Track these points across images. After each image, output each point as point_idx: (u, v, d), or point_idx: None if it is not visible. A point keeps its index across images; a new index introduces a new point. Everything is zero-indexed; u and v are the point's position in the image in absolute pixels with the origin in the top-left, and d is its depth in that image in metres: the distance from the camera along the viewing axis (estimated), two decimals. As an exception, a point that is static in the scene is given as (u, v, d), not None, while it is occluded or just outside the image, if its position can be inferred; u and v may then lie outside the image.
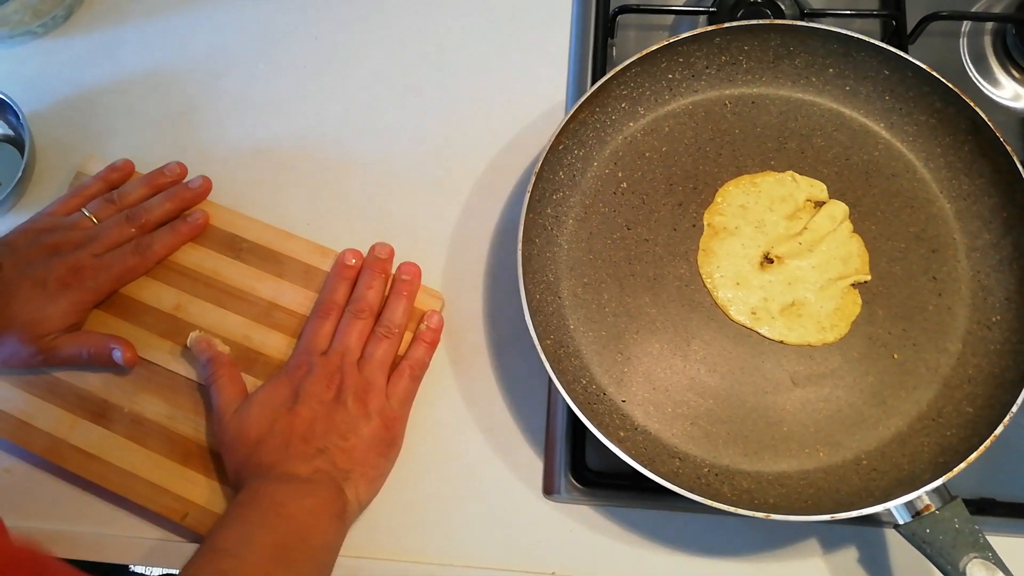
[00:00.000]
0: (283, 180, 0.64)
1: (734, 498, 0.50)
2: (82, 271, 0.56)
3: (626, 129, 0.59)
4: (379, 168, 0.64)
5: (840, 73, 0.58)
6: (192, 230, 0.59)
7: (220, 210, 0.61)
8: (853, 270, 0.55)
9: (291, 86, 0.67)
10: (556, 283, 0.56)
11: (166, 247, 0.59)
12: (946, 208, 0.57)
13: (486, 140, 0.64)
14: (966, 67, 0.65)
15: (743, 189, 0.58)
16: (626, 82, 0.57)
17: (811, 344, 0.54)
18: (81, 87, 0.67)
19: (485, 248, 0.61)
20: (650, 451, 0.51)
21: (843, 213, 0.57)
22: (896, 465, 0.51)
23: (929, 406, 0.52)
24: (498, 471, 0.56)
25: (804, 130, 0.59)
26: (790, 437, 0.52)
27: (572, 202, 0.57)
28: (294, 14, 0.69)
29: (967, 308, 0.54)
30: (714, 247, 0.56)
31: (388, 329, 0.56)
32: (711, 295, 0.56)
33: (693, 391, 0.53)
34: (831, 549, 0.54)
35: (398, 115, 0.65)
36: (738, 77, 0.59)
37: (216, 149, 0.65)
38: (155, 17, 0.69)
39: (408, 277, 0.58)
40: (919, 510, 0.47)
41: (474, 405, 0.58)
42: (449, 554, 0.55)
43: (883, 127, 0.59)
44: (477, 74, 0.66)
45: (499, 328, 0.59)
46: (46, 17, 0.67)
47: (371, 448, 0.53)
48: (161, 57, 0.68)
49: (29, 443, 0.55)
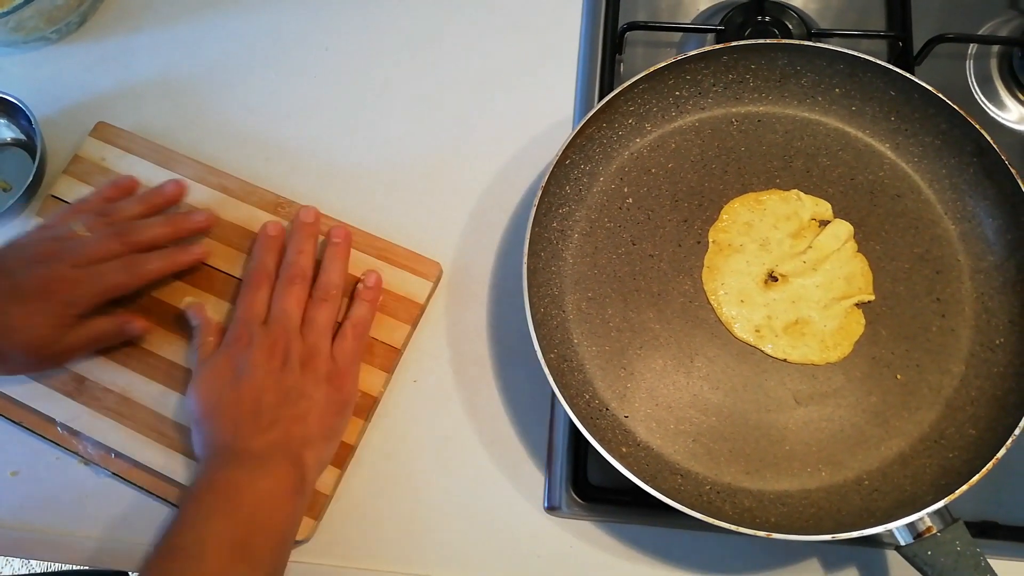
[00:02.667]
0: (291, 187, 0.64)
1: (735, 516, 0.49)
2: (59, 282, 0.53)
3: (632, 145, 0.59)
4: (386, 178, 0.64)
5: (846, 93, 0.59)
6: (188, 260, 0.58)
7: None
8: (857, 290, 0.55)
9: (300, 95, 0.67)
10: (560, 297, 0.56)
11: (157, 271, 0.57)
12: (950, 229, 0.57)
13: (493, 152, 0.64)
14: (972, 89, 0.65)
15: (748, 207, 0.58)
16: (633, 98, 0.58)
17: (814, 363, 0.54)
18: (93, 93, 0.68)
19: (490, 261, 0.62)
20: (652, 467, 0.51)
21: (847, 232, 0.57)
22: (898, 486, 0.51)
23: (931, 427, 0.52)
24: (500, 485, 0.56)
25: (810, 149, 0.59)
26: (792, 456, 0.52)
27: (578, 216, 0.58)
28: (305, 24, 0.69)
29: (970, 330, 0.54)
30: (719, 264, 0.57)
31: (325, 292, 0.56)
32: (715, 312, 0.56)
33: (696, 408, 0.54)
34: (832, 569, 0.54)
35: (406, 126, 0.66)
36: (745, 95, 0.60)
37: (226, 156, 0.65)
38: (167, 25, 0.70)
39: (339, 240, 0.58)
40: (920, 532, 0.47)
41: (476, 418, 0.58)
42: (449, 568, 0.55)
43: (888, 147, 0.59)
44: (485, 87, 0.66)
45: (503, 341, 0.60)
46: (60, 23, 0.68)
47: (326, 412, 0.53)
48: (172, 64, 0.69)
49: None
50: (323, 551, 0.55)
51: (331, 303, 0.56)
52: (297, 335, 0.54)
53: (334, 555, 0.55)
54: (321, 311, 0.55)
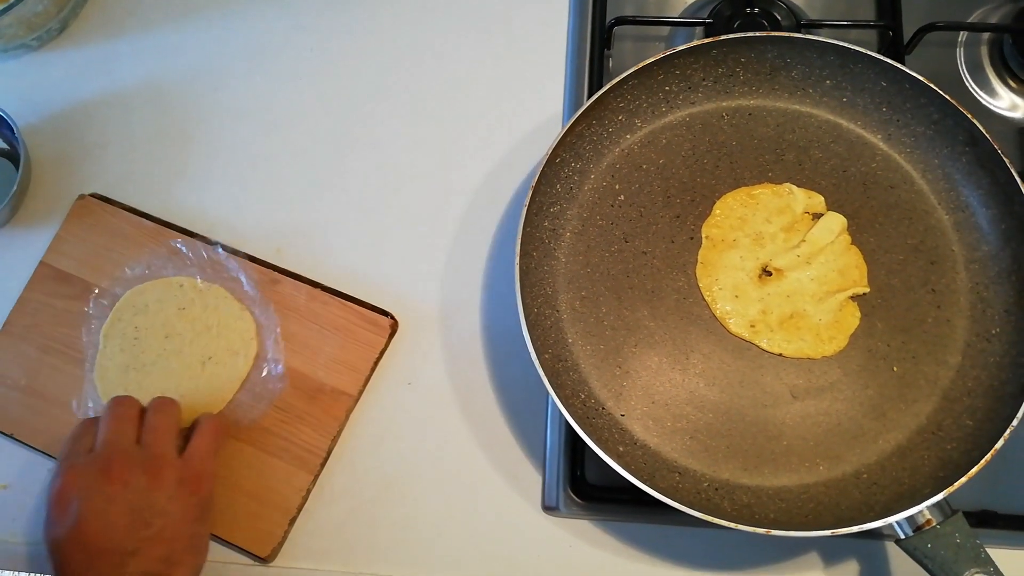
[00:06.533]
0: (280, 191, 0.64)
1: (734, 513, 0.49)
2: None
3: (623, 142, 0.59)
4: (375, 180, 0.64)
5: (837, 85, 0.58)
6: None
7: None
8: (851, 282, 0.55)
9: (288, 98, 0.66)
10: (554, 296, 0.55)
11: None
12: (944, 220, 0.57)
13: (482, 152, 0.64)
14: (963, 77, 0.65)
15: (741, 201, 0.58)
16: (623, 95, 0.57)
17: (810, 357, 0.54)
18: (77, 100, 0.67)
19: (482, 262, 0.61)
20: (649, 466, 0.51)
21: (841, 225, 0.56)
22: (896, 479, 0.50)
23: (929, 419, 0.52)
24: (496, 486, 0.56)
25: (801, 142, 0.59)
26: (790, 451, 0.52)
27: (569, 215, 0.57)
28: (289, 26, 0.68)
29: (966, 320, 0.54)
30: (712, 259, 0.56)
31: (160, 400, 0.53)
32: (710, 308, 0.55)
33: (692, 405, 0.53)
34: (832, 563, 0.54)
35: (394, 127, 0.65)
36: (735, 89, 0.59)
37: (213, 161, 0.65)
38: (150, 30, 0.69)
39: None
40: (920, 525, 0.47)
41: (472, 419, 0.58)
42: (448, 570, 0.55)
43: (880, 139, 0.58)
44: (473, 87, 0.66)
45: (497, 342, 0.59)
46: (40, 30, 0.67)
47: (183, 521, 0.49)
48: (157, 70, 0.68)
49: None
50: (320, 557, 0.55)
51: (168, 405, 0.53)
52: (132, 449, 0.50)
53: (332, 560, 0.55)
54: (157, 416, 0.52)
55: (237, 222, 0.63)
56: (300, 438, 0.56)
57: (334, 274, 0.60)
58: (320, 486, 0.56)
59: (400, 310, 0.59)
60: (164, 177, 0.64)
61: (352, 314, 0.59)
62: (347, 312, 0.59)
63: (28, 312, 0.60)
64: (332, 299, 0.59)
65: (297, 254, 0.61)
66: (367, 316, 0.58)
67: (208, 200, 0.63)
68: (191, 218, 0.62)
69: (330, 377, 0.57)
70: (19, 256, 0.62)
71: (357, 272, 0.61)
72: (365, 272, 0.61)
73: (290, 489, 0.55)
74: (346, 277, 0.60)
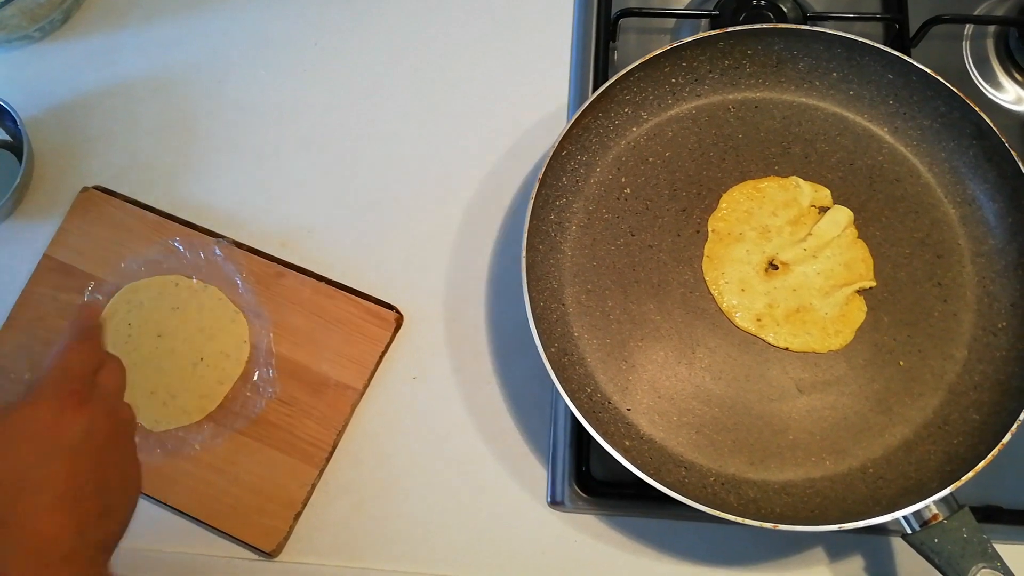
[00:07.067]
0: (285, 184, 0.63)
1: (740, 508, 0.49)
2: None
3: (629, 134, 0.59)
4: (381, 174, 0.63)
5: (844, 77, 0.58)
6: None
7: None
8: (858, 276, 0.55)
9: (292, 92, 0.66)
10: (560, 290, 0.55)
11: None
12: (951, 213, 0.56)
13: (488, 145, 0.64)
14: (969, 70, 0.65)
15: (747, 195, 0.57)
16: (629, 87, 0.57)
17: (816, 351, 0.54)
18: (79, 92, 0.66)
19: (488, 255, 0.61)
20: (656, 460, 0.51)
21: (847, 218, 0.56)
22: (903, 473, 0.50)
23: (935, 413, 0.52)
24: (502, 481, 0.56)
25: (808, 135, 0.58)
26: (796, 445, 0.52)
27: (575, 208, 0.57)
28: (294, 20, 0.68)
29: (973, 314, 0.54)
30: (719, 253, 0.56)
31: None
32: (716, 302, 0.55)
33: (698, 399, 0.53)
34: (838, 557, 0.54)
35: (399, 121, 0.65)
36: (741, 81, 0.59)
37: (217, 154, 0.64)
38: (153, 22, 0.68)
39: None
40: (927, 520, 0.47)
41: (477, 414, 0.58)
42: (453, 564, 0.55)
43: (887, 131, 0.58)
44: (478, 80, 0.65)
45: (502, 336, 0.59)
46: (43, 21, 0.67)
47: None
48: (160, 62, 0.67)
49: None
50: (325, 551, 0.55)
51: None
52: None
53: (337, 555, 0.55)
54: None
55: (242, 215, 0.62)
56: (305, 432, 0.56)
57: (339, 268, 0.60)
58: (325, 480, 0.56)
59: (405, 304, 0.59)
60: (168, 170, 0.64)
61: (357, 308, 0.58)
62: (352, 306, 0.59)
63: (32, 305, 0.60)
64: (337, 293, 0.59)
65: (302, 247, 0.61)
66: (372, 310, 0.58)
67: (212, 193, 0.63)
68: (195, 211, 0.62)
69: (335, 371, 0.57)
70: (22, 248, 0.62)
71: (362, 266, 0.61)
72: (370, 266, 0.61)
73: (295, 484, 0.55)
74: (351, 271, 0.60)
